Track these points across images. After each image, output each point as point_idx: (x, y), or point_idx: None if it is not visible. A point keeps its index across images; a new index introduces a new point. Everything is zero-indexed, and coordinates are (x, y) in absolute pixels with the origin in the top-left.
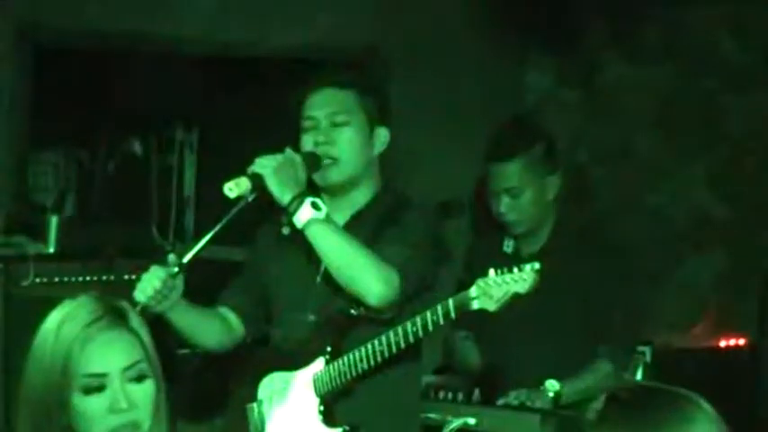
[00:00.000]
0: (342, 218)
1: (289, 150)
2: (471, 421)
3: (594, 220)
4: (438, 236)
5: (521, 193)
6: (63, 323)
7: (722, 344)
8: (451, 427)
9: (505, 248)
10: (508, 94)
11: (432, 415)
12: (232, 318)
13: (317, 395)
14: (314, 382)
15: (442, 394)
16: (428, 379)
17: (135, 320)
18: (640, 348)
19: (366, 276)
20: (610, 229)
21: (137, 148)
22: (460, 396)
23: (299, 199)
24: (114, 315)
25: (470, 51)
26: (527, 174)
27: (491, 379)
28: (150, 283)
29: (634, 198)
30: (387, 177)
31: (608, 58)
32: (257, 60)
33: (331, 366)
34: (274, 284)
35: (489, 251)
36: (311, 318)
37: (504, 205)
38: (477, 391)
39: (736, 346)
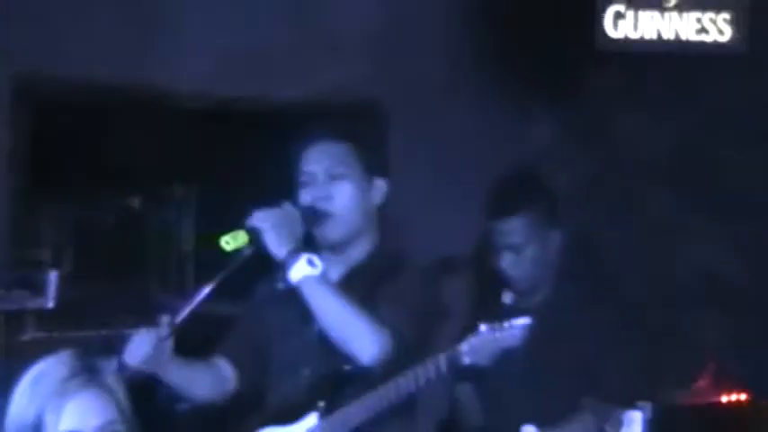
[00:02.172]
0: (337, 273)
1: (287, 205)
2: None
3: (597, 275)
4: (436, 294)
5: (523, 250)
6: (39, 379)
7: (724, 400)
8: None
9: (504, 300)
10: (510, 147)
11: None
12: (227, 368)
13: None
14: None
15: None
16: None
17: (111, 379)
18: (640, 404)
19: (359, 338)
20: (612, 284)
21: (136, 203)
22: None
23: (294, 254)
24: (90, 373)
25: (472, 104)
26: (530, 230)
27: None
28: (140, 348)
29: (638, 253)
30: (384, 232)
31: (616, 110)
32: (257, 115)
33: (324, 421)
34: (270, 338)
35: (488, 303)
36: (305, 372)
37: (506, 262)
38: None
39: (738, 402)
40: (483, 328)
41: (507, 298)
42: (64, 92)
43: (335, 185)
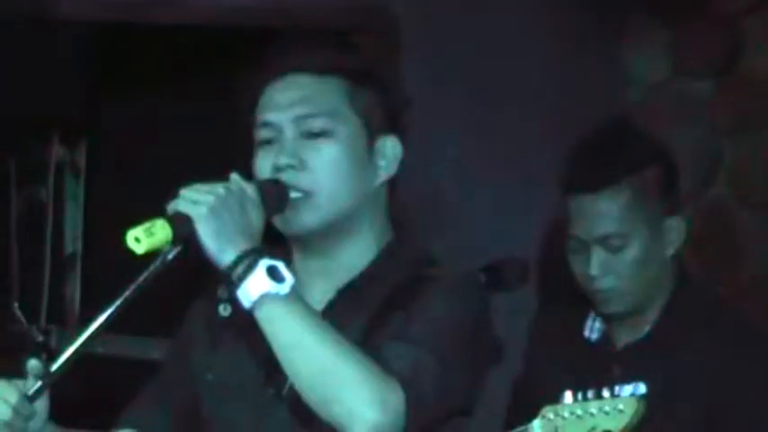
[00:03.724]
0: (322, 293)
1: (236, 177)
2: None
3: (739, 290)
4: (482, 321)
5: (625, 245)
6: None
7: None
8: None
9: (588, 334)
10: (598, 85)
11: None
12: None
13: None
14: None
15: None
16: None
17: None
18: None
19: (351, 396)
20: (763, 306)
21: None
22: None
23: (248, 260)
24: None
25: (535, 18)
26: (634, 213)
27: None
28: None
29: None
30: (399, 223)
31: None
32: (184, 30)
33: None
34: (209, 397)
35: (561, 339)
36: None
37: (598, 264)
38: None
39: None
40: (568, 396)
41: (592, 330)
42: None
43: (312, 146)
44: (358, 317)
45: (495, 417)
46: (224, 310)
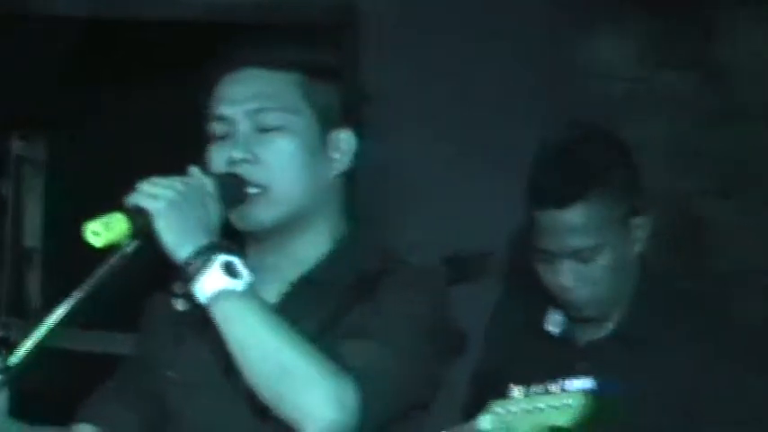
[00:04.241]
0: (277, 286)
1: (195, 171)
2: None
3: (708, 284)
4: (442, 315)
5: (596, 255)
6: None
7: None
8: None
9: (550, 328)
10: (571, 78)
11: None
12: None
13: None
14: None
15: None
16: None
17: None
18: None
19: (305, 395)
20: (734, 297)
21: None
22: None
23: (204, 255)
24: None
25: (507, 9)
26: (603, 222)
27: None
28: None
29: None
30: (355, 218)
31: (737, 21)
32: (145, 26)
33: None
34: (171, 391)
35: (522, 332)
36: None
37: (571, 276)
38: None
39: None
40: (516, 391)
41: (555, 324)
42: None
43: (266, 141)
44: (313, 310)
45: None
46: (181, 306)
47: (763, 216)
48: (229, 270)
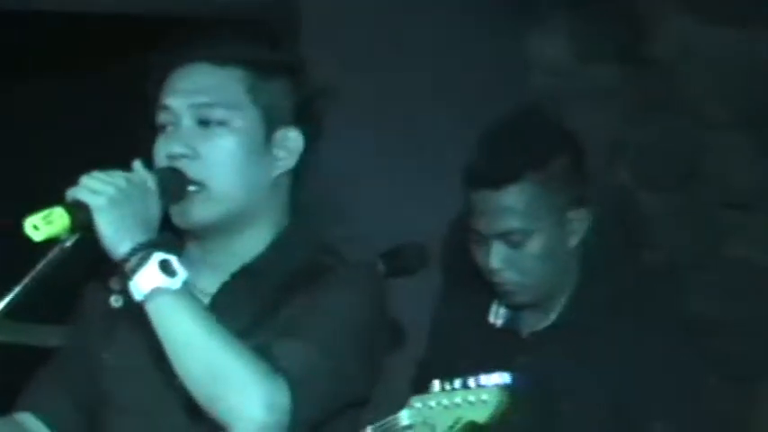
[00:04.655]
0: (216, 281)
1: (138, 167)
2: None
3: (645, 279)
4: (379, 312)
5: (526, 240)
6: None
7: None
8: None
9: (493, 320)
10: (505, 72)
11: None
12: (35, 428)
13: None
14: None
15: None
16: None
17: None
18: None
19: (236, 395)
20: (671, 291)
21: None
22: None
23: (142, 253)
24: None
25: (441, 4)
26: (536, 209)
27: None
28: None
29: (708, 241)
30: (299, 213)
31: (667, 16)
32: (83, 16)
33: None
34: (108, 381)
35: (465, 324)
36: None
37: (499, 258)
38: None
39: None
40: (437, 385)
41: (497, 316)
42: None
43: (207, 136)
44: (249, 303)
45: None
46: (116, 302)
47: (696, 210)
48: (165, 268)
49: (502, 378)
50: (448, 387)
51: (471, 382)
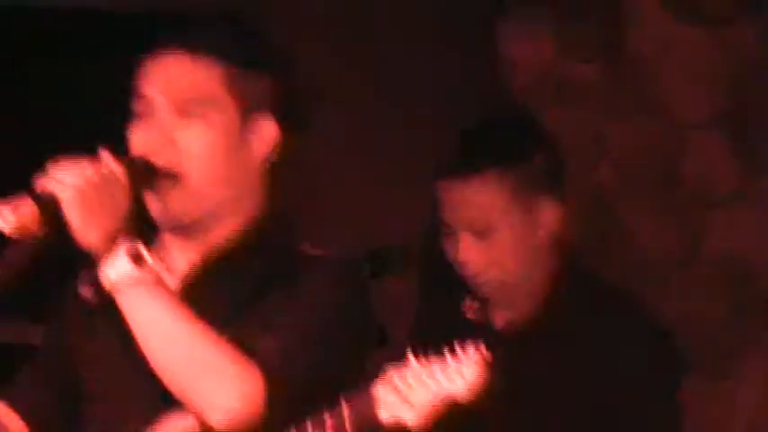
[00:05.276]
0: (189, 270)
1: (106, 156)
2: None
3: (622, 277)
4: (361, 310)
5: (492, 232)
6: None
7: None
8: None
9: (468, 314)
10: (481, 70)
11: None
12: (12, 420)
13: None
14: None
15: None
16: None
17: None
18: None
19: (208, 385)
20: (648, 291)
21: None
22: None
23: (111, 242)
24: None
25: (415, 3)
26: (503, 201)
27: None
28: None
29: (688, 240)
30: (276, 203)
31: (648, 14)
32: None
33: None
34: (86, 374)
35: (443, 320)
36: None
37: (465, 250)
38: None
39: None
40: (412, 359)
41: (471, 311)
42: None
43: (183, 126)
44: (225, 291)
45: None
46: (89, 293)
47: (677, 208)
48: (135, 257)
49: (480, 353)
50: (425, 361)
51: (450, 356)
